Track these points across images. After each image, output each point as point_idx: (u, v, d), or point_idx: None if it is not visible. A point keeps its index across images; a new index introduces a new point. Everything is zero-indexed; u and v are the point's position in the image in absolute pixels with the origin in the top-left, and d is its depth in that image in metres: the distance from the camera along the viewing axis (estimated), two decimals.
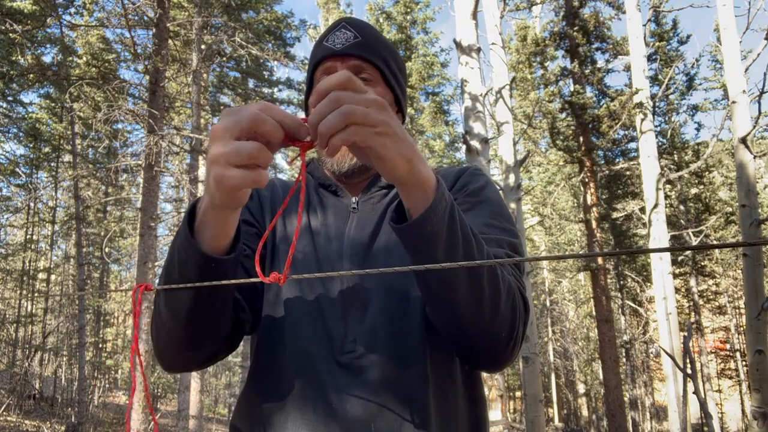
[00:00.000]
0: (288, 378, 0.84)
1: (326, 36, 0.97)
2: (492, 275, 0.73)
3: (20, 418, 11.57)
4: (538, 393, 5.85)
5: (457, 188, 0.96)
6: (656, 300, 8.46)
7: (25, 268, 16.00)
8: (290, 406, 0.82)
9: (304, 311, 0.87)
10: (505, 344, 0.78)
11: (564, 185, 15.79)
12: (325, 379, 0.81)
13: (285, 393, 0.83)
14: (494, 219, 0.91)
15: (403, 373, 0.81)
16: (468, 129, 4.89)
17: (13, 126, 13.46)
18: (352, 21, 0.99)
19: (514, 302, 0.77)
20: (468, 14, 4.93)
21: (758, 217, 5.09)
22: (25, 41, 8.31)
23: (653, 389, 21.29)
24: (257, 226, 0.97)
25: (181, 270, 0.72)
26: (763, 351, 4.78)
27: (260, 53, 9.97)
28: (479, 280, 0.71)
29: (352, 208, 0.96)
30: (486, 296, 0.73)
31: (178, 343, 0.80)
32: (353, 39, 0.95)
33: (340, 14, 19.82)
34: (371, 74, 0.96)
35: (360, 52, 0.94)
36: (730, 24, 5.64)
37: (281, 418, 0.82)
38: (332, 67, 0.94)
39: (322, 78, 0.95)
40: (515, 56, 12.32)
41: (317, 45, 0.99)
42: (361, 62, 0.95)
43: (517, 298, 0.78)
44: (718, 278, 17.87)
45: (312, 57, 1.00)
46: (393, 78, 0.99)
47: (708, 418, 4.35)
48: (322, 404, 0.80)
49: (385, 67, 0.97)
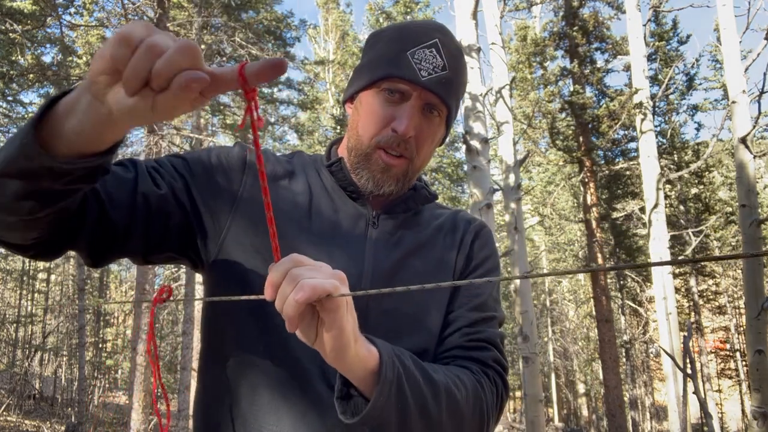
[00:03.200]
0: (269, 375, 0.81)
1: (413, 48, 0.87)
2: (453, 410, 0.77)
3: (20, 418, 11.57)
4: (538, 393, 5.85)
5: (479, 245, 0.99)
6: (656, 300, 8.46)
7: (25, 268, 16.00)
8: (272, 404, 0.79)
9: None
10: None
11: (564, 185, 15.78)
12: (312, 382, 0.79)
13: (266, 391, 0.80)
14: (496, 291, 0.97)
15: None
16: (468, 129, 4.90)
17: (13, 126, 13.45)
18: (446, 41, 0.89)
19: (482, 412, 0.82)
20: (468, 14, 4.93)
21: (758, 217, 5.09)
22: (25, 41, 8.30)
23: (653, 389, 21.28)
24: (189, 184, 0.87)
25: (15, 136, 0.61)
26: (763, 351, 4.78)
27: (260, 53, 9.97)
28: (438, 424, 0.76)
29: (371, 222, 0.92)
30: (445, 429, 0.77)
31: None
32: (441, 70, 0.87)
33: (340, 14, 19.81)
34: (440, 112, 0.90)
35: (442, 92, 0.88)
36: (730, 24, 5.64)
37: (260, 415, 0.79)
38: (407, 91, 0.87)
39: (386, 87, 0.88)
40: (515, 56, 12.32)
41: (399, 50, 0.88)
42: (439, 101, 0.88)
43: (486, 402, 0.83)
44: (718, 278, 17.88)
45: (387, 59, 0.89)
46: (455, 115, 0.96)
47: (708, 418, 4.35)
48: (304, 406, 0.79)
49: (455, 108, 0.93)
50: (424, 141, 0.90)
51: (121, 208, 0.78)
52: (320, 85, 18.32)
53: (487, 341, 0.90)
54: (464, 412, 0.78)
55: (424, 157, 0.92)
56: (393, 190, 0.91)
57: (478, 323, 0.91)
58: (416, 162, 0.91)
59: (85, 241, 0.78)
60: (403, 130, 0.86)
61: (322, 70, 17.45)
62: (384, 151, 0.89)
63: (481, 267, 0.97)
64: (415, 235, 0.95)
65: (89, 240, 0.77)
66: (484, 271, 0.97)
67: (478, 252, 0.98)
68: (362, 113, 0.92)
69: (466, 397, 0.79)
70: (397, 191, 0.92)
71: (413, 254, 0.92)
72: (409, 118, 0.86)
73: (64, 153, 0.59)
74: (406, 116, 0.86)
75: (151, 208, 0.81)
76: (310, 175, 0.95)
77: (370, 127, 0.90)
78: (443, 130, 0.95)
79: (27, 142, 0.58)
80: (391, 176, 0.90)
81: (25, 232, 0.70)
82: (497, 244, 1.14)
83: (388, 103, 0.88)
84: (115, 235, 0.79)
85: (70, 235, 0.75)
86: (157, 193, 0.82)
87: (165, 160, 0.89)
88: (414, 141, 0.89)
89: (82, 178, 0.63)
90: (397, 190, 0.92)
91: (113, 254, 0.82)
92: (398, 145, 0.88)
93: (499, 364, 0.89)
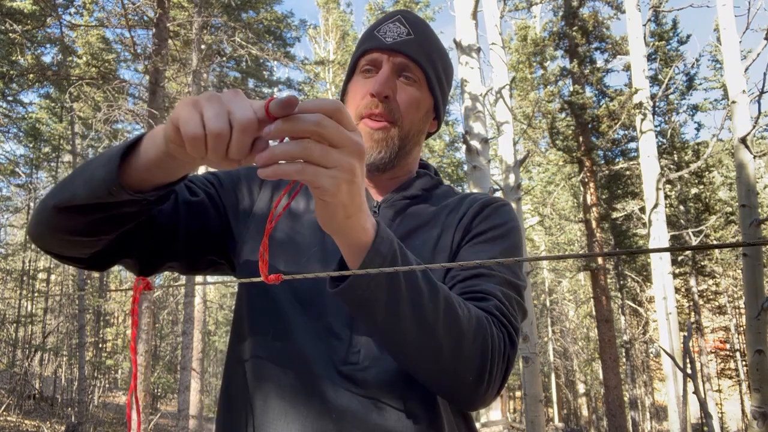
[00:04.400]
0: (281, 379, 0.80)
1: (378, 26, 0.94)
2: (451, 319, 0.69)
3: (20, 418, 11.57)
4: (538, 393, 5.85)
5: (480, 218, 0.91)
6: (656, 300, 8.46)
7: (25, 268, 16.01)
8: (281, 407, 0.78)
9: (306, 313, 0.82)
10: (473, 387, 0.73)
11: (564, 185, 15.80)
12: (323, 388, 0.77)
13: (276, 394, 0.79)
14: (504, 257, 0.86)
15: (408, 390, 0.78)
16: (468, 129, 4.90)
17: (13, 126, 13.46)
18: (409, 16, 0.95)
19: (485, 342, 0.72)
20: (468, 14, 4.93)
21: (758, 217, 5.09)
22: (25, 41, 8.30)
23: (653, 389, 21.30)
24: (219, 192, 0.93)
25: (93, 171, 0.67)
26: (763, 351, 4.79)
27: (260, 53, 9.97)
28: (432, 329, 0.68)
29: (372, 212, 0.90)
30: (441, 342, 0.69)
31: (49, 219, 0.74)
32: (405, 35, 0.92)
33: (340, 14, 19.81)
34: (416, 75, 0.93)
35: (409, 51, 0.91)
36: (730, 24, 5.64)
37: (270, 418, 0.79)
38: (378, 59, 0.92)
39: (365, 66, 0.93)
40: (515, 56, 12.33)
41: (368, 33, 0.96)
42: (409, 61, 0.92)
43: (491, 336, 0.73)
44: (718, 278, 17.88)
45: (359, 44, 0.97)
46: (438, 83, 0.96)
47: (708, 418, 4.35)
48: (315, 412, 0.77)
49: (431, 71, 0.94)
50: (407, 104, 0.91)
51: (166, 218, 0.84)
52: (320, 85, 18.32)
53: (486, 292, 0.80)
54: (464, 330, 0.70)
55: (411, 121, 0.93)
56: (383, 157, 0.91)
57: (474, 278, 0.83)
58: (404, 126, 0.92)
59: (138, 252, 0.83)
60: (377, 88, 0.88)
61: (322, 70, 17.46)
62: (368, 119, 0.90)
63: (481, 235, 0.89)
64: (418, 217, 0.93)
65: (141, 250, 0.83)
66: (483, 239, 0.88)
67: (478, 223, 0.90)
68: (349, 98, 0.95)
69: (468, 318, 0.71)
70: (387, 158, 0.91)
71: (412, 233, 0.90)
72: (382, 78, 0.89)
73: (139, 186, 0.67)
74: (378, 78, 0.90)
75: (191, 214, 0.87)
76: None
77: (353, 104, 0.93)
78: (428, 97, 0.95)
79: (110, 179, 0.65)
80: (377, 142, 0.90)
81: (89, 248, 0.77)
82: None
83: (365, 79, 0.93)
84: (162, 244, 0.84)
85: (124, 247, 0.81)
86: (195, 200, 0.88)
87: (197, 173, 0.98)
88: (396, 104, 0.90)
89: (155, 202, 0.72)
90: (387, 157, 0.91)
91: (161, 262, 0.87)
92: (377, 107, 0.89)
93: (504, 317, 0.78)
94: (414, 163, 1.00)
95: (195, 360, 11.91)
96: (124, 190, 0.65)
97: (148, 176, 0.66)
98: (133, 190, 0.67)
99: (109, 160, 0.65)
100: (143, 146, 0.64)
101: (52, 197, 0.72)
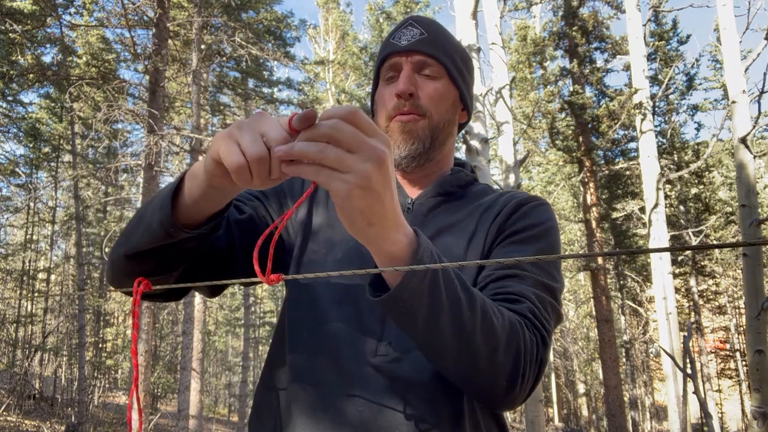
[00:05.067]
0: (312, 375, 0.83)
1: (393, 34, 0.99)
2: (487, 328, 0.69)
3: (20, 418, 11.57)
4: (538, 393, 5.85)
5: (516, 217, 0.90)
6: (656, 300, 8.46)
7: (25, 268, 16.01)
8: (310, 402, 0.81)
9: (340, 311, 0.85)
10: (505, 391, 0.74)
11: (564, 185, 15.80)
12: (353, 379, 0.80)
13: (306, 389, 0.82)
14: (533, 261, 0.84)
15: (436, 383, 0.79)
16: (468, 129, 4.89)
17: (13, 126, 13.45)
18: (419, 19, 1.00)
19: (518, 349, 0.72)
20: (468, 14, 4.93)
21: (758, 217, 5.09)
22: (25, 41, 8.31)
23: (653, 389, 21.30)
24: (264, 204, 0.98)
25: (150, 219, 0.73)
26: (763, 351, 4.78)
27: (260, 53, 9.97)
28: (469, 338, 0.68)
29: (406, 209, 0.94)
30: (478, 350, 0.69)
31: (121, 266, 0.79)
32: (419, 36, 0.96)
33: (340, 14, 19.81)
34: (436, 70, 0.96)
35: (425, 48, 0.95)
36: (730, 24, 5.64)
37: (299, 414, 0.81)
38: (398, 63, 0.96)
39: (388, 74, 0.97)
40: (515, 56, 12.32)
41: (384, 42, 1.01)
42: (426, 58, 0.95)
43: (523, 341, 0.73)
44: (718, 278, 17.88)
45: (379, 54, 1.01)
46: (458, 74, 0.98)
47: (708, 418, 4.35)
48: (342, 404, 0.79)
49: (450, 64, 0.97)
50: (432, 97, 0.94)
51: (223, 242, 0.88)
52: (320, 85, 18.33)
53: (519, 294, 0.80)
54: (499, 337, 0.70)
55: (439, 112, 0.95)
56: (417, 148, 0.93)
57: (507, 278, 0.82)
58: (434, 117, 0.94)
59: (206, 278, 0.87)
60: (400, 88, 0.92)
61: (322, 70, 17.46)
62: (399, 116, 0.94)
63: (515, 235, 0.88)
64: (451, 214, 0.93)
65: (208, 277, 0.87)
66: (518, 239, 0.87)
67: (513, 223, 0.89)
68: (377, 106, 0.99)
69: (502, 325, 0.71)
70: (421, 149, 0.93)
71: (445, 231, 0.91)
72: (404, 77, 0.93)
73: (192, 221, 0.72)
74: (400, 79, 0.94)
75: (242, 232, 0.90)
76: None
77: (382, 110, 0.96)
78: (452, 88, 0.98)
79: (167, 222, 0.70)
80: (409, 134, 0.93)
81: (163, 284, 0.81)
82: None
83: (389, 84, 0.97)
84: (225, 267, 0.88)
85: (194, 276, 0.85)
86: (243, 218, 0.91)
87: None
88: (422, 98, 0.94)
89: (211, 233, 0.77)
90: (420, 148, 0.93)
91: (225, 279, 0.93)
92: (405, 107, 0.93)
93: (537, 320, 0.78)
94: (448, 159, 1.02)
95: (195, 360, 11.91)
96: (180, 229, 0.71)
97: (198, 211, 0.71)
98: (189, 228, 0.72)
99: (161, 206, 0.71)
100: (186, 186, 0.69)
101: (120, 247, 0.78)
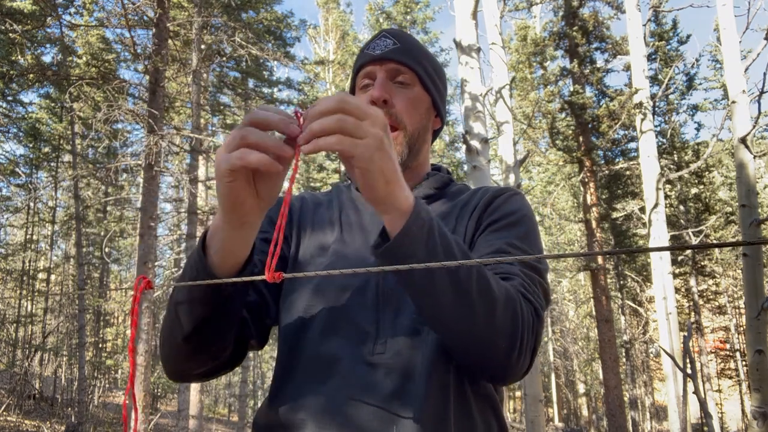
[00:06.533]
0: (310, 382, 0.84)
1: (368, 45, 1.03)
2: (483, 286, 0.72)
3: (20, 418, 11.57)
4: (538, 393, 5.85)
5: (492, 208, 0.95)
6: (656, 300, 8.46)
7: (25, 268, 16.00)
8: (309, 409, 0.82)
9: (334, 317, 0.87)
10: (506, 354, 0.75)
11: (564, 185, 15.80)
12: (350, 382, 0.81)
13: (305, 396, 0.83)
14: (519, 241, 0.89)
15: (434, 380, 0.81)
16: (468, 129, 4.89)
17: (13, 126, 13.45)
18: (392, 30, 1.04)
19: (515, 311, 0.75)
20: (468, 14, 4.93)
21: (758, 217, 5.09)
22: (25, 41, 8.31)
23: (653, 389, 21.30)
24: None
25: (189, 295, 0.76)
26: (763, 351, 4.78)
27: (260, 53, 9.97)
28: (466, 292, 0.71)
29: None
30: (475, 307, 0.71)
31: (180, 353, 0.83)
32: (392, 45, 1.00)
33: (340, 14, 19.82)
34: (409, 77, 1.00)
35: (397, 57, 0.99)
36: (730, 24, 5.64)
37: (298, 421, 0.82)
38: (372, 71, 1.00)
39: (363, 82, 1.01)
40: (515, 56, 12.33)
41: (360, 53, 1.05)
42: (399, 66, 0.99)
43: (520, 307, 0.76)
44: (718, 278, 17.88)
45: (354, 64, 1.06)
46: (430, 82, 1.02)
47: (708, 418, 4.35)
48: (346, 407, 0.80)
49: (422, 71, 1.01)
50: (406, 105, 0.98)
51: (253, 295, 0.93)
52: (320, 85, 18.31)
53: (509, 272, 0.84)
54: (496, 296, 0.73)
55: (413, 121, 0.99)
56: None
57: (511, 247, 0.87)
58: (408, 128, 0.98)
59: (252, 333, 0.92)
60: (375, 94, 0.95)
61: (322, 70, 17.46)
62: None
63: (494, 224, 0.92)
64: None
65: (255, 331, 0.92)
66: (497, 227, 0.91)
67: (491, 213, 0.94)
68: None
69: (498, 286, 0.74)
70: (399, 160, 0.93)
71: None
72: (378, 83, 0.97)
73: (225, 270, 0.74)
74: (375, 85, 0.97)
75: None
76: (342, 195, 1.07)
77: None
78: (425, 94, 1.02)
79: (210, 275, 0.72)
80: None
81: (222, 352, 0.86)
82: None
83: (364, 93, 1.00)
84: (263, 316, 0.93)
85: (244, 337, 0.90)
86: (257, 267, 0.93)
87: None
88: (396, 107, 0.97)
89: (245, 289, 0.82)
90: (399, 160, 0.93)
91: (270, 326, 0.98)
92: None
93: (529, 293, 0.81)
94: (425, 165, 1.06)
95: None
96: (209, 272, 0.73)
97: (225, 262, 0.74)
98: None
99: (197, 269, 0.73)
100: (210, 243, 0.74)
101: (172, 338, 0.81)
